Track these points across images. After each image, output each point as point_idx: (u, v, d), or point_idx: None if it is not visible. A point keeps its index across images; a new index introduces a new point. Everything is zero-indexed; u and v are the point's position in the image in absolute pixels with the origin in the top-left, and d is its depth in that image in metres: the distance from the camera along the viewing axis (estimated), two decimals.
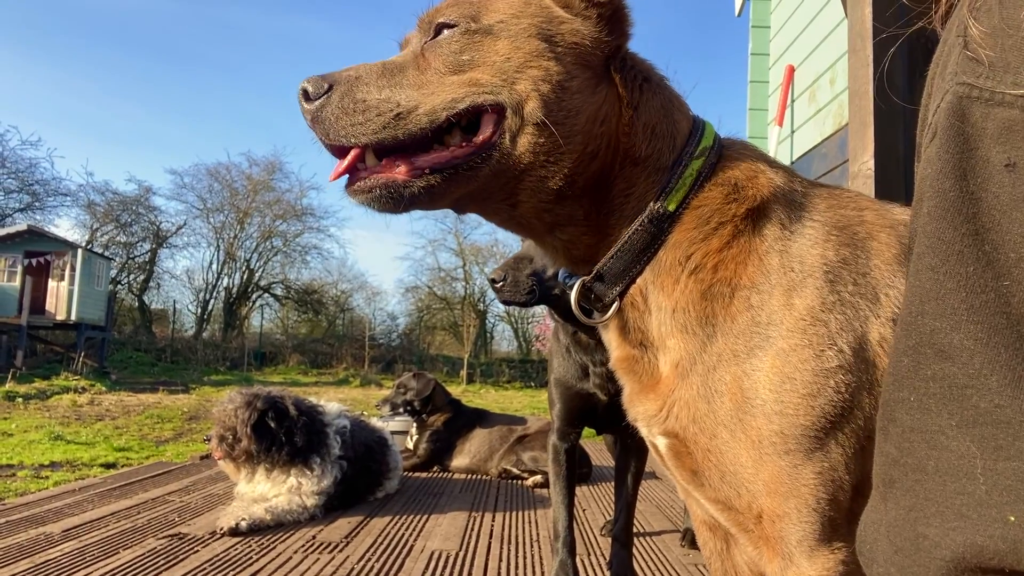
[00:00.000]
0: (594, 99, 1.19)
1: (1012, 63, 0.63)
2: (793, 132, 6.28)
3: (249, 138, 62.37)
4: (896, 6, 2.16)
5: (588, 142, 1.18)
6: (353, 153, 1.17)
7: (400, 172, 1.14)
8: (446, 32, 1.19)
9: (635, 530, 3.58)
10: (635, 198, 1.20)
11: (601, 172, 1.20)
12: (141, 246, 31.45)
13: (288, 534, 3.43)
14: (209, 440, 3.70)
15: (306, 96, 1.18)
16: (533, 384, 25.37)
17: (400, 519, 3.82)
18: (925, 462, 0.67)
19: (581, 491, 4.81)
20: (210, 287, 31.90)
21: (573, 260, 1.27)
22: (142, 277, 31.35)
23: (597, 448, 6.74)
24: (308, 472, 3.72)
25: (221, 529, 3.34)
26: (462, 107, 1.14)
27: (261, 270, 32.54)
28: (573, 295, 1.25)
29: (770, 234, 1.15)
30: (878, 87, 2.04)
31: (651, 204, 1.17)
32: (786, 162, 6.38)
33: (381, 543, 3.34)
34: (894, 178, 2.05)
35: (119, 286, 29.91)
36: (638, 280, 1.19)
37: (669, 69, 1.35)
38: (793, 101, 6.30)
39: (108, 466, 7.89)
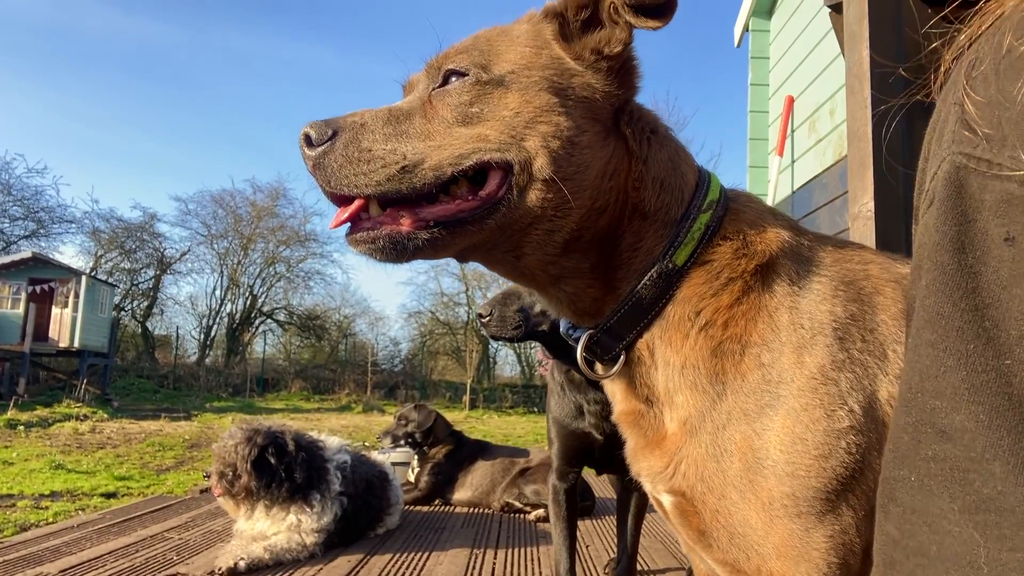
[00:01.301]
0: (603, 153, 1.18)
1: (1009, 137, 0.62)
2: (794, 162, 6.31)
3: (253, 165, 62.89)
4: (895, 47, 2.17)
5: (597, 197, 1.17)
6: (357, 203, 1.15)
7: (404, 224, 1.13)
8: (455, 81, 1.17)
9: (639, 568, 3.53)
10: (643, 252, 1.19)
11: (609, 226, 1.19)
12: (145, 272, 31.56)
13: (287, 573, 3.38)
14: (209, 477, 3.67)
15: (308, 142, 1.16)
16: (536, 410, 25.22)
17: (401, 557, 3.77)
18: (927, 546, 0.66)
19: (584, 525, 4.75)
20: (213, 313, 31.95)
21: (577, 312, 1.26)
22: (146, 303, 31.40)
23: (600, 480, 6.67)
24: (308, 509, 3.69)
25: (219, 569, 3.30)
26: (468, 164, 1.12)
27: (264, 296, 32.61)
28: (579, 349, 1.24)
29: (780, 290, 1.14)
30: (876, 128, 2.04)
31: (659, 258, 1.17)
32: (787, 192, 6.40)
33: None
34: (894, 219, 2.05)
35: (123, 312, 29.94)
36: (645, 335, 1.18)
37: (670, 96, 1.34)
38: (793, 131, 6.33)
39: (108, 496, 7.83)
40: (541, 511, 4.86)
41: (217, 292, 32.09)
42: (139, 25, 51.91)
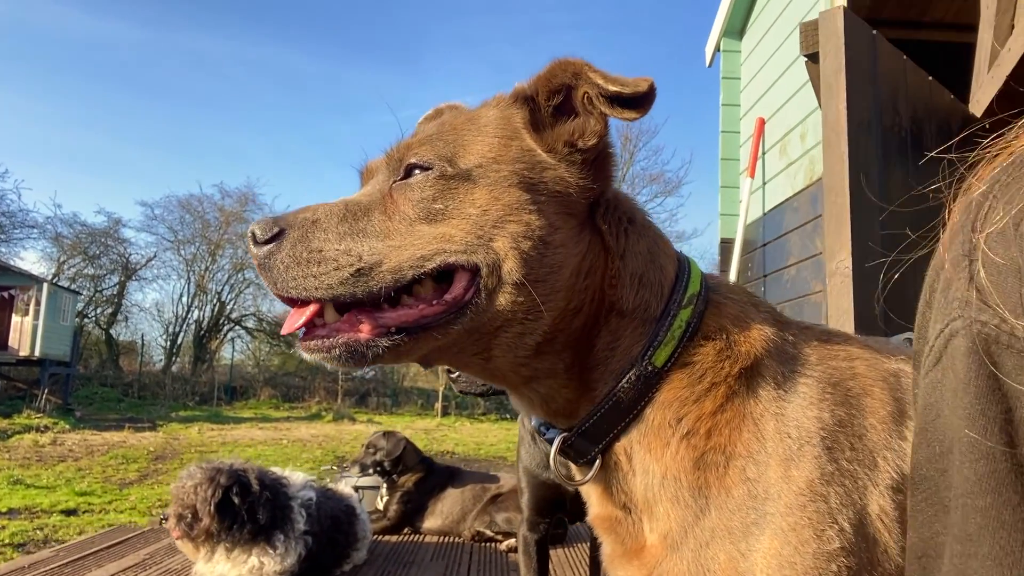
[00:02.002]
0: (577, 250, 1.10)
1: None
2: (765, 184, 6.32)
3: (222, 169, 62.08)
4: (871, 99, 2.15)
5: (571, 297, 1.10)
6: (312, 307, 1.07)
7: (363, 331, 1.05)
8: (419, 174, 1.09)
9: None
10: (620, 351, 1.11)
11: (584, 326, 1.12)
12: (109, 279, 30.90)
13: None
14: (166, 519, 3.53)
15: (255, 240, 1.08)
16: (508, 416, 25.16)
17: None
18: None
19: (556, 555, 4.69)
20: (180, 320, 31.38)
21: (551, 413, 1.18)
22: (110, 310, 30.74)
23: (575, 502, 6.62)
24: (271, 551, 3.56)
25: None
26: (431, 267, 1.05)
27: (233, 302, 32.09)
28: (553, 451, 1.17)
29: (765, 395, 1.08)
30: (854, 183, 2.01)
31: (638, 359, 1.09)
32: (758, 213, 6.42)
33: None
34: (871, 275, 2.02)
35: (86, 319, 29.29)
36: (622, 438, 1.11)
37: None
38: (764, 153, 6.34)
39: (69, 513, 7.61)
40: (513, 540, 4.78)
41: (184, 298, 31.54)
42: (101, 26, 51.02)
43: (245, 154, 55.35)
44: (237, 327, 32.27)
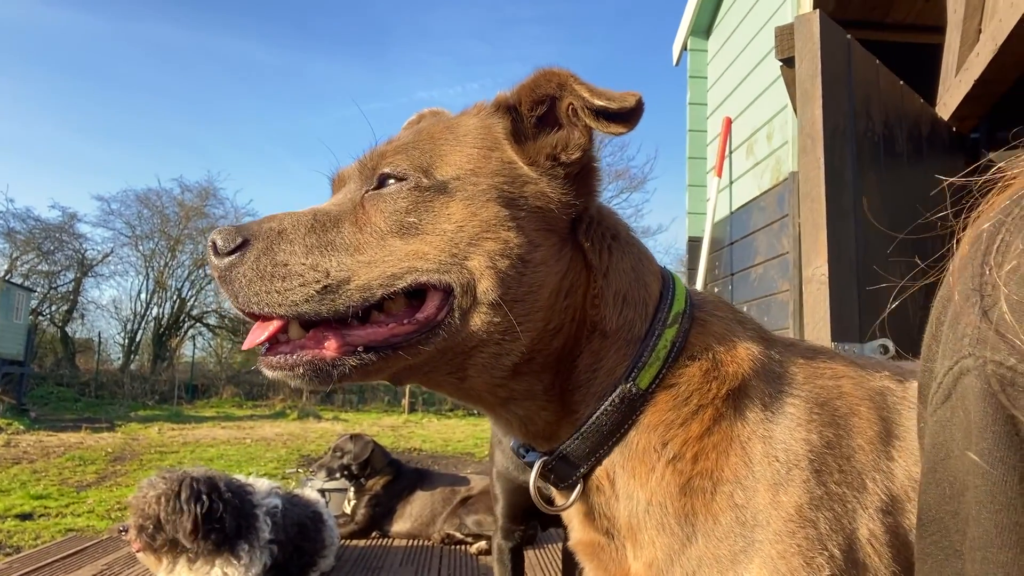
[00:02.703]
0: (558, 268, 1.06)
1: None
2: (732, 183, 6.36)
3: (181, 163, 60.73)
4: (847, 105, 2.14)
5: (551, 317, 1.05)
6: (275, 325, 1.01)
7: (329, 349, 0.99)
8: (392, 185, 1.04)
9: None
10: (603, 373, 1.07)
11: (564, 346, 1.07)
12: (65, 275, 30.02)
13: None
14: (125, 531, 3.42)
15: (215, 250, 1.02)
16: (475, 413, 25.13)
17: None
18: None
19: (528, 556, 4.66)
20: (138, 317, 30.65)
21: (530, 435, 1.14)
22: (65, 308, 29.92)
23: None
24: (235, 561, 3.47)
25: None
26: (401, 285, 1.00)
27: (193, 299, 31.39)
28: (533, 476, 1.12)
29: (752, 417, 1.04)
30: (830, 189, 2.00)
31: (621, 380, 1.05)
32: (725, 212, 6.46)
33: None
34: (847, 282, 2.02)
35: (40, 317, 28.47)
36: (605, 462, 1.07)
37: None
38: (731, 152, 6.38)
39: (24, 517, 7.37)
40: (483, 544, 4.75)
41: (143, 295, 30.80)
42: (53, 13, 49.45)
43: (205, 147, 54.18)
44: (198, 324, 31.66)
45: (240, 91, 55.11)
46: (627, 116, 1.02)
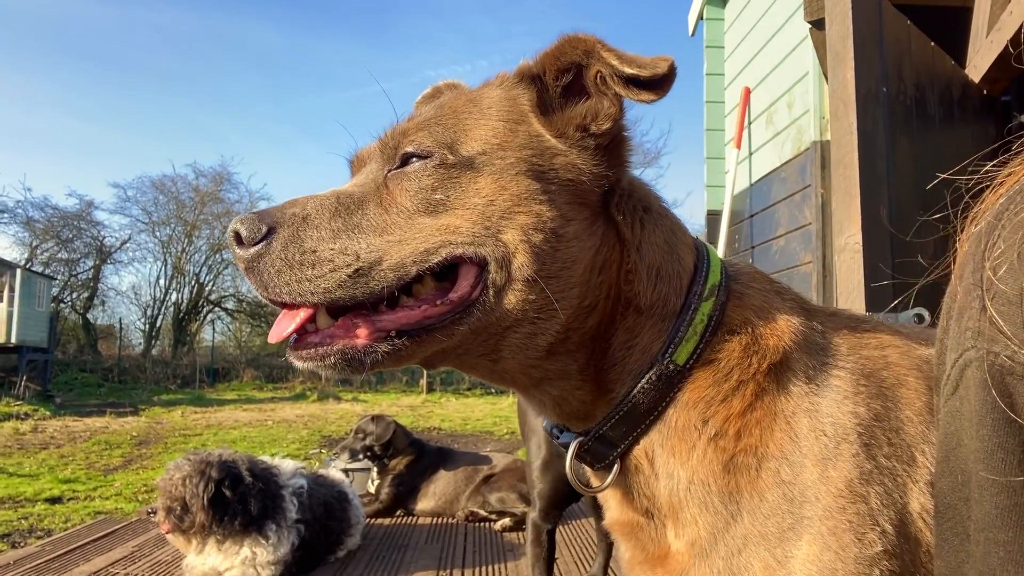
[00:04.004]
0: (591, 243, 1.02)
1: None
2: (751, 154, 6.26)
3: (195, 148, 60.78)
4: (879, 67, 2.07)
5: (585, 294, 1.02)
6: (304, 314, 0.99)
7: (360, 336, 0.97)
8: (416, 163, 1.00)
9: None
10: (638, 350, 1.04)
11: (599, 324, 1.04)
12: (84, 263, 30.35)
13: None
14: (154, 513, 3.45)
15: (238, 240, 0.99)
16: (494, 391, 25.23)
17: None
18: None
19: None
20: (158, 303, 30.96)
21: (564, 416, 1.11)
22: (86, 294, 30.27)
23: None
24: (263, 541, 3.51)
25: None
26: (436, 260, 0.97)
27: (211, 284, 31.65)
28: (568, 457, 1.10)
29: (796, 391, 1.01)
30: (863, 156, 1.94)
31: (658, 357, 1.02)
32: (745, 184, 6.36)
33: None
34: (880, 250, 1.97)
35: (62, 304, 28.83)
36: (642, 441, 1.04)
37: None
38: (750, 123, 6.27)
39: (53, 501, 7.50)
40: (507, 520, 4.77)
41: (161, 281, 31.10)
42: (66, 3, 49.55)
43: (217, 132, 54.32)
44: (217, 308, 31.95)
45: (249, 74, 55.11)
46: (659, 83, 0.98)
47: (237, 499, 3.43)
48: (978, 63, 2.98)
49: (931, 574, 0.96)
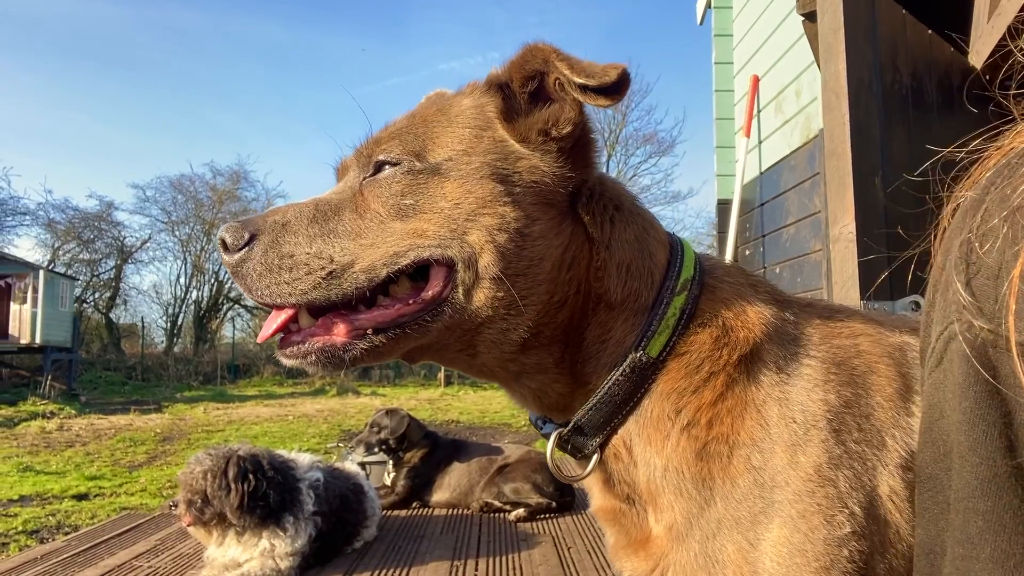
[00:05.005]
0: (559, 241, 1.07)
1: None
2: (761, 143, 6.24)
3: (211, 147, 61.40)
4: (871, 58, 2.09)
5: (554, 291, 1.07)
6: (286, 315, 1.06)
7: (339, 334, 1.04)
8: (388, 170, 1.07)
9: None
10: (612, 343, 1.09)
11: (571, 319, 1.09)
12: (105, 263, 30.83)
13: None
14: (175, 506, 3.54)
15: (225, 247, 1.07)
16: None
17: (379, 575, 3.70)
18: None
19: (565, 523, 4.73)
20: (179, 301, 31.41)
21: (544, 407, 1.17)
22: (108, 294, 30.72)
23: None
24: (281, 533, 3.59)
25: None
26: (405, 263, 1.03)
27: (231, 282, 31.95)
28: (549, 447, 1.15)
29: (766, 380, 1.05)
30: (856, 146, 1.96)
31: (631, 350, 1.07)
32: (755, 173, 6.35)
33: None
34: (875, 239, 1.99)
35: (85, 305, 29.28)
36: (620, 431, 1.09)
37: (632, 62, 1.21)
38: (759, 111, 6.26)
39: (80, 497, 7.66)
40: (521, 511, 4.83)
41: (182, 280, 31.55)
42: (81, 6, 50.01)
43: (234, 131, 54.81)
44: (236, 306, 32.28)
45: (264, 72, 55.41)
46: (611, 89, 1.02)
47: (256, 492, 3.51)
48: (980, 48, 2.97)
49: (900, 554, 1.00)
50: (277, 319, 1.05)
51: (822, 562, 0.96)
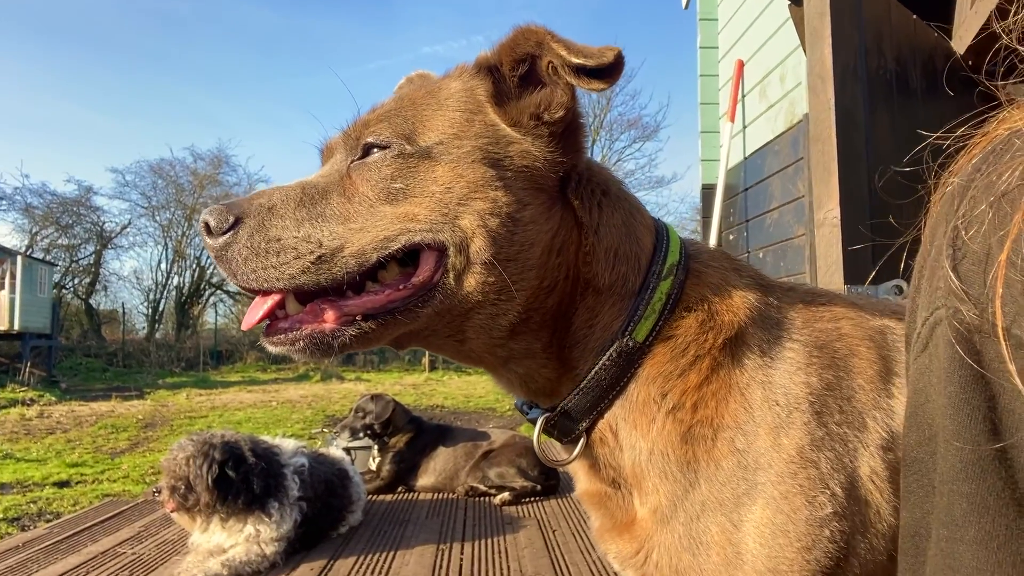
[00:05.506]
0: (548, 226, 1.07)
1: (1016, 299, 0.57)
2: (745, 127, 6.26)
3: (192, 131, 60.57)
4: (856, 42, 2.09)
5: (544, 276, 1.07)
6: (272, 301, 1.04)
7: (327, 320, 1.02)
8: (377, 153, 1.05)
9: None
10: (599, 328, 1.09)
11: (560, 304, 1.09)
12: (85, 248, 30.42)
13: None
14: (158, 492, 3.52)
15: (208, 230, 1.04)
16: None
17: (365, 559, 3.71)
18: None
19: (549, 506, 4.76)
20: (160, 287, 31.08)
21: (531, 392, 1.17)
22: (88, 280, 30.36)
23: None
24: (266, 519, 3.58)
25: None
26: (396, 247, 1.02)
27: (212, 267, 31.61)
28: (536, 431, 1.15)
29: (750, 364, 1.06)
30: (841, 131, 1.97)
31: (618, 335, 1.07)
32: (739, 158, 6.37)
33: None
34: (859, 224, 2.00)
35: (64, 290, 28.93)
36: (607, 415, 1.10)
37: (617, 43, 1.21)
38: (744, 96, 6.26)
39: (61, 484, 7.60)
40: (506, 495, 4.85)
41: (163, 265, 31.21)
42: None
43: (214, 115, 54.13)
44: (218, 291, 32.04)
45: (245, 55, 54.70)
46: (607, 72, 1.02)
47: (240, 478, 3.50)
48: (963, 34, 2.98)
49: (880, 534, 1.01)
50: (263, 305, 1.03)
51: (804, 542, 0.98)
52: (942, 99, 2.88)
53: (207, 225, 1.04)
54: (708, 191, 6.78)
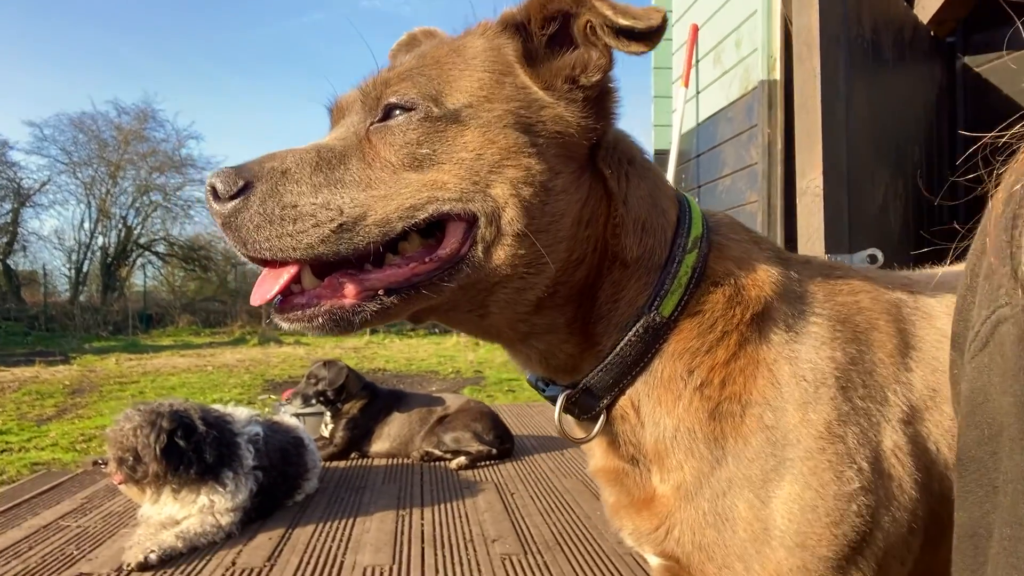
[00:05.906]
0: (578, 196, 1.02)
1: None
2: (699, 93, 6.28)
3: (114, 83, 57.44)
4: (842, 10, 2.08)
5: (573, 248, 1.02)
6: (289, 273, 0.96)
7: (348, 295, 0.95)
8: (400, 116, 0.97)
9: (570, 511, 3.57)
10: (625, 303, 1.06)
11: (587, 278, 1.05)
12: (1, 206, 28.73)
13: (204, 560, 3.20)
14: (104, 463, 3.38)
15: (215, 194, 0.95)
16: (437, 331, 25.26)
17: (324, 528, 3.65)
18: None
19: (506, 469, 4.78)
20: (83, 247, 29.65)
21: (550, 369, 1.13)
22: (5, 240, 28.73)
23: (517, 414, 6.73)
24: (220, 489, 3.48)
25: (128, 565, 3.07)
26: (423, 216, 0.95)
27: (140, 227, 30.43)
28: (557, 409, 1.12)
29: (777, 339, 1.05)
30: (825, 100, 1.97)
31: (644, 310, 1.04)
32: (692, 124, 6.40)
33: (308, 563, 3.17)
34: (838, 193, 2.01)
35: None
36: (628, 391, 1.07)
37: None
38: (698, 62, 6.27)
39: None
40: (462, 459, 4.85)
41: (86, 225, 29.69)
42: None
43: (140, 68, 51.44)
44: (147, 253, 30.82)
45: (170, 7, 51.97)
46: (652, 35, 0.97)
47: (191, 447, 3.38)
48: (926, 4, 3.02)
49: (903, 507, 1.02)
50: (279, 278, 0.95)
51: (832, 517, 0.98)
52: (908, 68, 2.92)
53: (214, 189, 0.95)
54: (661, 156, 6.81)
